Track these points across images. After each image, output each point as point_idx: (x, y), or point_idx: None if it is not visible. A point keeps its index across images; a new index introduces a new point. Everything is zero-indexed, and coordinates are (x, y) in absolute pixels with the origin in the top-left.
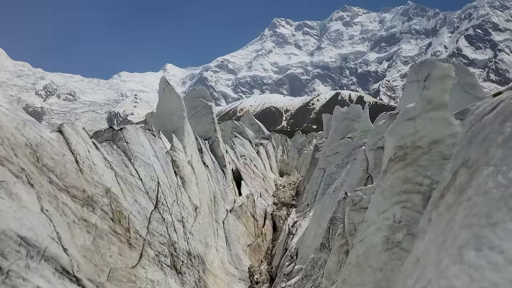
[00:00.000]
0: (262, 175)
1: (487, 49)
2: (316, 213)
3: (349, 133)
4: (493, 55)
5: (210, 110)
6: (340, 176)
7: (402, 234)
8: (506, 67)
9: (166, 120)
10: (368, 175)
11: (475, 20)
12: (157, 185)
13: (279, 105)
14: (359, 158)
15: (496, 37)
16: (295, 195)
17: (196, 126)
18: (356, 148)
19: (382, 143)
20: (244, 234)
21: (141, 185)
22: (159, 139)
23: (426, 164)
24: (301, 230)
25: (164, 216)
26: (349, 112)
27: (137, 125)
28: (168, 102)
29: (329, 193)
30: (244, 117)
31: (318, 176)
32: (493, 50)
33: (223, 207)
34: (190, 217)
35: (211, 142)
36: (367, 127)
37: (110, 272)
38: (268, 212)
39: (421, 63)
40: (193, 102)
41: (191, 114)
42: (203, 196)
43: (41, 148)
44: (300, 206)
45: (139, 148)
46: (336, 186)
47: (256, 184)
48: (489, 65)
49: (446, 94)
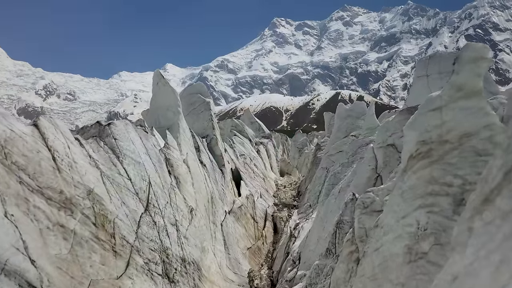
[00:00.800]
0: (262, 175)
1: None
2: (319, 215)
3: (353, 131)
4: (494, 55)
5: (208, 106)
6: (345, 175)
7: (429, 244)
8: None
9: (160, 116)
10: (377, 175)
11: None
12: (148, 186)
13: (279, 105)
14: (367, 157)
15: (497, 37)
16: (297, 195)
17: (193, 124)
18: (362, 146)
19: (392, 140)
20: (243, 236)
21: (130, 186)
22: (151, 135)
23: (456, 161)
24: (304, 233)
25: (156, 220)
26: (352, 109)
27: (127, 120)
28: (162, 96)
29: (334, 194)
30: (244, 116)
31: (321, 176)
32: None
33: (221, 208)
34: (184, 220)
35: (209, 140)
36: (373, 124)
37: (90, 284)
38: (268, 213)
39: (430, 57)
40: (190, 99)
41: (188, 111)
42: (200, 197)
43: (11, 144)
44: (302, 207)
45: (129, 145)
46: (342, 186)
47: (256, 184)
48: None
49: (479, 79)
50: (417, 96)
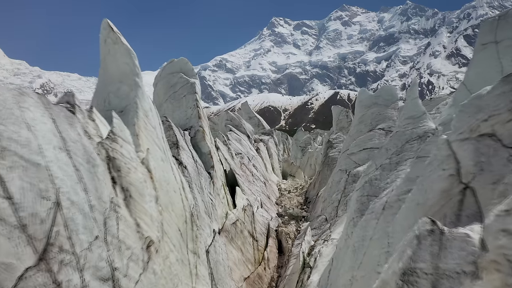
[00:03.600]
0: (263, 178)
1: None
2: (350, 241)
3: (382, 123)
4: None
5: (192, 89)
6: (387, 183)
7: None
8: None
9: (111, 94)
10: (463, 186)
11: (474, 20)
12: (54, 209)
13: (278, 105)
14: (437, 156)
15: None
16: (304, 202)
17: (173, 112)
18: (413, 141)
19: (491, 126)
20: (239, 263)
21: (8, 212)
22: (85, 120)
23: None
24: (323, 262)
25: (61, 278)
26: (380, 95)
27: (25, 89)
28: (112, 62)
29: (375, 211)
30: (241, 110)
31: (340, 181)
32: None
33: (208, 227)
34: (134, 265)
35: (194, 133)
36: (418, 112)
37: None
38: (271, 228)
39: (500, 17)
40: (170, 80)
41: (167, 95)
42: (171, 218)
43: None
44: (314, 221)
45: (18, 132)
46: (388, 200)
47: (255, 189)
48: None
49: None
50: (482, 70)
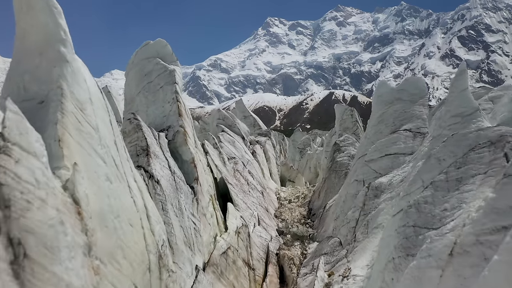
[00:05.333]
0: (260, 186)
1: (480, 50)
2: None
3: (408, 122)
4: (486, 56)
5: (171, 78)
6: (450, 211)
7: None
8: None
9: (27, 75)
10: None
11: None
12: None
13: (273, 105)
14: None
15: (489, 38)
16: (308, 215)
17: (147, 108)
18: (482, 148)
19: None
20: None
21: None
22: None
23: None
24: None
25: None
26: (404, 89)
27: None
28: (28, 24)
29: (433, 254)
30: (235, 108)
31: (358, 195)
32: (486, 51)
33: (189, 264)
34: None
35: (172, 135)
36: (469, 108)
37: None
38: (271, 252)
39: None
40: (145, 66)
41: (140, 87)
42: (120, 272)
43: None
44: (325, 243)
45: None
46: (458, 241)
47: (251, 202)
48: (481, 66)
49: None
50: None
